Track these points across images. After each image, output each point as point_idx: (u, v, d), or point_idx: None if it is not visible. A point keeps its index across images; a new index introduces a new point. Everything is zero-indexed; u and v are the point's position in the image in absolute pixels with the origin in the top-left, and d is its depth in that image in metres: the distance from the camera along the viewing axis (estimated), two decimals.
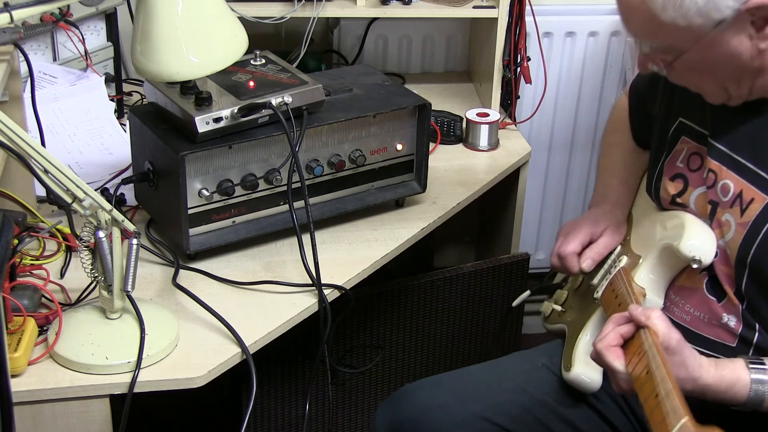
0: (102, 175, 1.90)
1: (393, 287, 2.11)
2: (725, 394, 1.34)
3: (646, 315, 1.32)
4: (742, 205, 1.43)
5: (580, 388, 1.60)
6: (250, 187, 1.69)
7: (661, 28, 1.32)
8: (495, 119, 2.19)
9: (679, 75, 1.42)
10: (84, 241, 1.43)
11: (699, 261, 1.47)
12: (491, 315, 2.27)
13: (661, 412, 1.15)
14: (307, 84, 1.70)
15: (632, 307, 1.35)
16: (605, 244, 1.67)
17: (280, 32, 2.36)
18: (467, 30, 2.56)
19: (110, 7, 2.10)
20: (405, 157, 1.86)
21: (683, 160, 1.55)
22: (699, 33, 1.31)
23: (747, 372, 1.34)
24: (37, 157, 1.32)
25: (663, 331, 1.30)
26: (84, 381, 1.40)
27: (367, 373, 2.17)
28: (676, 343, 1.31)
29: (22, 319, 1.41)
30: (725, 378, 1.34)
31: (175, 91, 1.65)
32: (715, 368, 1.35)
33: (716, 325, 1.47)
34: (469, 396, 1.63)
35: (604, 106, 2.63)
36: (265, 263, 1.70)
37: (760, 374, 1.34)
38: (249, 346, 1.48)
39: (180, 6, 1.41)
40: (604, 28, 2.53)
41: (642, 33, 1.38)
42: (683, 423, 1.11)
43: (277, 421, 2.10)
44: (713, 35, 1.31)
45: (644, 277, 1.55)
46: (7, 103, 1.64)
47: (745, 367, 1.35)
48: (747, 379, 1.34)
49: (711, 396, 1.34)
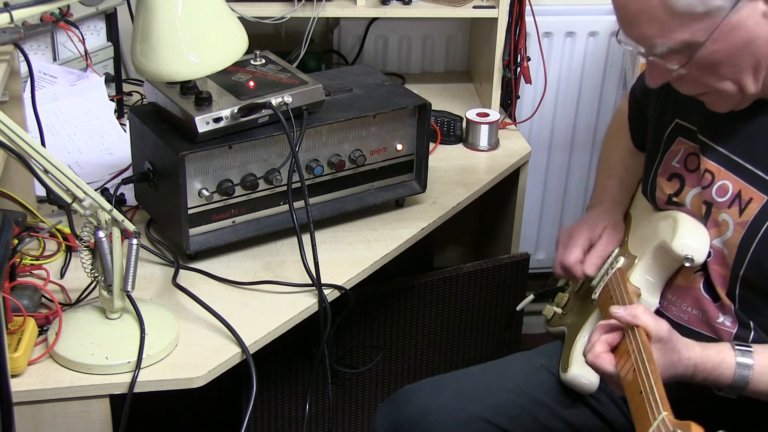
0: (102, 175, 1.90)
1: (393, 287, 2.11)
2: (710, 374, 1.36)
3: (632, 314, 1.32)
4: (741, 204, 1.43)
5: (578, 389, 1.60)
6: (250, 187, 1.69)
7: (675, 22, 1.28)
8: (495, 119, 2.19)
9: (693, 80, 1.37)
10: (84, 241, 1.43)
11: (692, 259, 1.47)
12: (491, 315, 2.27)
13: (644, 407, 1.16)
14: (307, 84, 1.70)
15: (613, 308, 1.35)
16: (605, 246, 1.67)
17: (280, 32, 2.36)
18: (467, 30, 2.56)
19: (110, 7, 2.10)
20: (405, 157, 1.86)
21: (680, 160, 1.55)
22: (716, 18, 1.27)
23: (733, 354, 1.36)
24: (37, 157, 1.32)
25: (652, 325, 1.31)
26: (84, 381, 1.40)
27: (367, 373, 2.17)
28: (667, 332, 1.32)
29: (22, 319, 1.41)
30: (711, 358, 1.36)
31: (175, 91, 1.65)
32: (701, 348, 1.36)
33: (714, 325, 1.48)
34: (468, 397, 1.63)
35: (604, 106, 2.63)
36: (265, 263, 1.70)
37: (746, 357, 1.36)
38: (249, 346, 1.48)
39: (180, 6, 1.41)
40: (604, 28, 2.53)
41: (654, 32, 1.30)
42: (663, 417, 1.12)
43: (277, 421, 2.10)
44: (730, 19, 1.27)
45: (639, 277, 1.56)
46: (7, 103, 1.64)
47: (731, 349, 1.37)
48: (732, 361, 1.35)
49: (700, 376, 1.36)
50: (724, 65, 1.33)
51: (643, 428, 1.15)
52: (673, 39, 1.30)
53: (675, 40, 1.30)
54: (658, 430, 1.11)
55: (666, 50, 1.32)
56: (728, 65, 1.33)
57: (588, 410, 1.64)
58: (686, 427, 1.08)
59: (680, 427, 1.09)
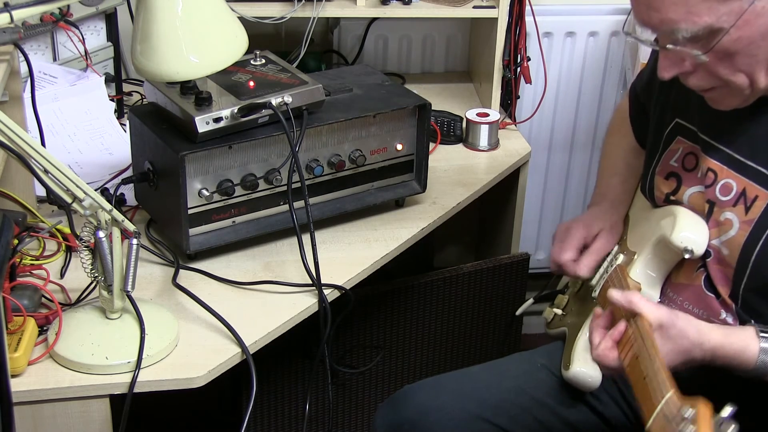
0: (102, 175, 1.90)
1: (393, 287, 2.11)
2: (733, 359, 1.34)
3: (627, 299, 1.31)
4: (746, 203, 1.43)
5: (580, 386, 1.60)
6: (250, 187, 1.69)
7: (703, 5, 1.25)
8: (495, 119, 2.19)
9: (706, 72, 1.34)
10: (84, 241, 1.43)
11: (691, 251, 1.47)
12: (491, 315, 2.27)
13: (647, 391, 1.15)
14: (307, 84, 1.70)
15: (612, 291, 1.34)
16: (600, 248, 1.67)
17: (280, 32, 2.36)
18: (467, 30, 2.56)
19: (110, 7, 2.09)
20: (405, 157, 1.86)
21: (678, 159, 1.55)
22: (743, 3, 1.25)
23: (757, 340, 1.34)
24: (37, 157, 1.32)
25: (650, 310, 1.30)
26: (84, 381, 1.39)
27: (367, 373, 2.17)
28: (668, 317, 1.31)
29: (22, 319, 1.41)
30: (734, 344, 1.33)
31: (175, 91, 1.65)
32: (722, 333, 1.34)
33: (716, 322, 1.47)
34: (468, 397, 1.63)
35: (604, 106, 2.63)
36: (265, 263, 1.70)
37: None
38: (249, 346, 1.48)
39: (180, 6, 1.41)
40: (604, 28, 2.53)
41: (679, 16, 1.26)
42: (669, 396, 1.11)
43: (277, 421, 2.10)
44: (756, 5, 1.25)
45: (639, 272, 1.56)
46: (7, 103, 1.64)
47: (755, 335, 1.34)
48: (756, 347, 1.33)
49: (721, 360, 1.34)
50: (741, 55, 1.30)
51: (649, 411, 1.14)
52: (698, 23, 1.27)
53: (699, 24, 1.27)
54: (665, 410, 1.10)
55: (689, 36, 1.28)
56: (746, 55, 1.30)
57: (588, 410, 1.64)
58: (693, 403, 1.07)
59: (687, 403, 1.08)
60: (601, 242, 1.68)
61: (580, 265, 1.66)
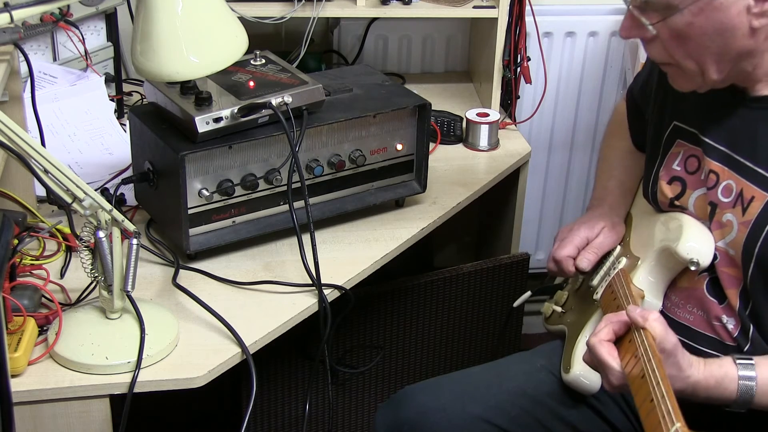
0: (102, 175, 1.90)
1: (393, 287, 2.11)
2: (714, 391, 1.34)
3: (644, 317, 1.31)
4: (743, 204, 1.43)
5: (579, 390, 1.60)
6: (250, 187, 1.69)
7: None
8: (495, 119, 2.19)
9: (660, 47, 1.38)
10: (84, 241, 1.43)
11: (697, 263, 1.47)
12: (491, 315, 2.27)
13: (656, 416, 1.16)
14: (307, 84, 1.70)
15: (630, 308, 1.34)
16: (602, 244, 1.67)
17: (280, 32, 2.36)
18: (467, 30, 2.56)
19: (110, 7, 2.10)
20: (405, 157, 1.86)
21: (680, 163, 1.55)
22: None
23: (735, 368, 1.35)
24: (37, 157, 1.32)
25: (660, 333, 1.30)
26: (84, 381, 1.39)
27: (367, 373, 2.17)
28: (672, 347, 1.31)
29: (22, 319, 1.41)
30: (714, 373, 1.34)
31: (175, 91, 1.65)
32: (704, 365, 1.35)
33: (717, 325, 1.47)
34: (468, 397, 1.63)
35: (604, 106, 2.63)
36: (265, 263, 1.70)
37: (748, 370, 1.35)
38: (249, 346, 1.48)
39: (180, 6, 1.41)
40: (604, 28, 2.53)
41: None
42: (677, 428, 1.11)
43: (277, 421, 2.10)
44: None
45: (643, 279, 1.55)
46: (7, 103, 1.64)
47: (732, 363, 1.36)
48: (734, 374, 1.34)
49: (702, 393, 1.35)
50: (692, 42, 1.34)
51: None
52: None
53: None
54: None
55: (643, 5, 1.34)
56: (697, 44, 1.34)
57: (589, 411, 1.64)
58: None
59: None
60: (603, 239, 1.67)
61: (580, 258, 1.66)
